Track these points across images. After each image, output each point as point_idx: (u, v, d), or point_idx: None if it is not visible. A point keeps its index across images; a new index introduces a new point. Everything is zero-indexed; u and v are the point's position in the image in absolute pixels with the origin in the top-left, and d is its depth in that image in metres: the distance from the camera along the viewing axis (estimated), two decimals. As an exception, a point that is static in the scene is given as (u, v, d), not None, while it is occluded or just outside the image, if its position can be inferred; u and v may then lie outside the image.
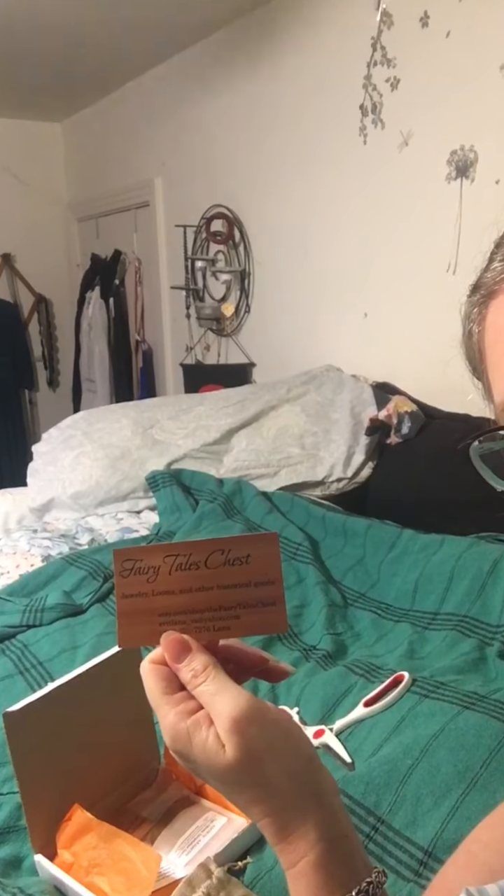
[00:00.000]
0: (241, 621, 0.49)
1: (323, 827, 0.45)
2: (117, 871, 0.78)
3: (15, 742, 0.80)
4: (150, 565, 0.49)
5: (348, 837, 0.47)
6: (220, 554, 0.49)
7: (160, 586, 0.49)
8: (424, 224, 2.19)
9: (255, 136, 2.82)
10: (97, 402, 3.93)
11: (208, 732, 0.45)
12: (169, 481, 2.04)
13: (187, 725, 0.45)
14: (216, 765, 0.44)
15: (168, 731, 0.46)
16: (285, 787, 0.45)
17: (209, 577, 0.49)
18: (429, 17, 2.05)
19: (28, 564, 1.74)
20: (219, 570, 0.49)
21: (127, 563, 0.49)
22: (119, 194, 3.85)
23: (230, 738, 0.44)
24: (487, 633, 1.29)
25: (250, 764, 0.44)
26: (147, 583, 0.49)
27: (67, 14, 2.71)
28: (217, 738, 0.44)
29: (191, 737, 0.45)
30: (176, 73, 3.23)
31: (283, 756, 0.45)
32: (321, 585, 1.52)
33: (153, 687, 0.48)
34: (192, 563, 0.49)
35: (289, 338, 2.85)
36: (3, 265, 4.33)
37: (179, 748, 0.46)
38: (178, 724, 0.45)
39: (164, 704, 0.47)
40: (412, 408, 2.10)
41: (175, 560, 0.49)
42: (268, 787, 0.45)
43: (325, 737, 1.03)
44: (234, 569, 0.48)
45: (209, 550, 0.49)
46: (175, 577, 0.49)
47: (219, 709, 0.45)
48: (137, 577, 0.49)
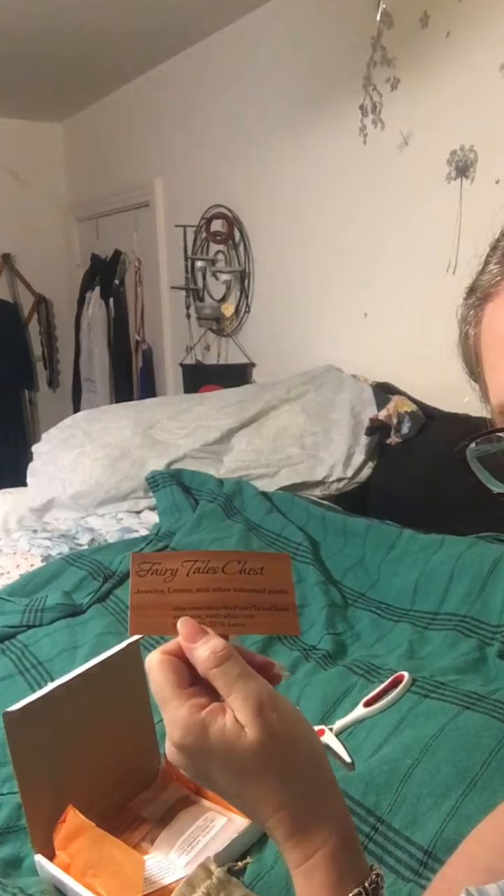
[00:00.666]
0: (255, 620, 0.50)
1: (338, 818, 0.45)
2: (110, 874, 0.78)
3: (15, 742, 0.80)
4: (168, 568, 0.50)
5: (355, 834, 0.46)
6: (237, 563, 0.51)
7: (177, 585, 0.50)
8: (424, 224, 2.19)
9: (255, 136, 2.82)
10: (97, 402, 3.93)
11: (226, 718, 0.44)
12: (169, 481, 2.04)
13: (203, 716, 0.44)
14: (237, 749, 0.43)
15: (180, 724, 0.44)
16: (305, 776, 0.45)
17: (226, 581, 0.50)
18: (429, 18, 2.05)
19: (28, 564, 1.74)
20: (235, 577, 0.50)
21: (144, 564, 0.50)
22: (119, 194, 3.85)
23: (254, 721, 0.43)
24: (487, 633, 1.29)
25: (272, 747, 0.43)
26: (164, 582, 0.50)
27: (67, 14, 2.71)
28: (235, 722, 0.44)
29: (207, 726, 0.44)
30: (176, 74, 3.23)
31: (302, 744, 0.45)
32: (321, 585, 1.52)
33: (164, 679, 0.46)
34: (210, 568, 0.50)
35: (289, 338, 2.85)
36: (3, 265, 4.33)
37: (191, 741, 0.44)
38: (192, 717, 0.44)
39: (177, 698, 0.45)
40: (412, 408, 2.10)
41: (194, 564, 0.50)
42: (288, 774, 0.44)
43: (325, 737, 1.03)
44: (249, 577, 0.50)
45: (227, 559, 0.51)
46: (192, 578, 0.50)
47: (243, 691, 0.44)
48: (153, 577, 0.50)
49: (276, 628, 0.50)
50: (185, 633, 0.47)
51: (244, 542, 1.73)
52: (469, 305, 0.49)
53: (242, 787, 0.45)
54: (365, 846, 0.83)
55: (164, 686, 0.46)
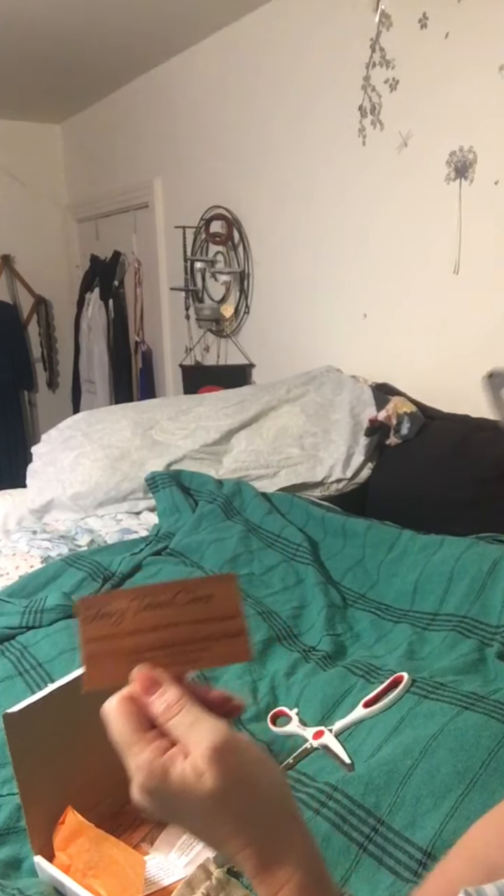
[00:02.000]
0: (210, 653, 0.50)
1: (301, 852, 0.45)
2: (110, 874, 0.78)
3: (15, 743, 0.80)
4: (116, 609, 0.50)
5: (321, 860, 0.47)
6: (186, 594, 0.50)
7: (127, 627, 0.49)
8: (424, 225, 2.19)
9: (255, 136, 2.83)
10: (97, 403, 3.93)
11: (185, 764, 0.44)
12: (168, 482, 2.03)
13: (163, 761, 0.44)
14: (196, 795, 0.43)
15: (143, 767, 0.45)
16: (266, 814, 0.45)
17: (176, 615, 0.50)
18: (427, 18, 2.05)
19: (27, 566, 1.74)
20: (185, 608, 0.50)
21: (91, 609, 0.49)
22: (118, 195, 3.85)
23: (211, 766, 0.43)
24: (487, 634, 1.29)
25: (231, 791, 0.44)
26: (113, 625, 0.49)
27: (67, 15, 2.71)
28: (195, 768, 0.44)
29: (167, 771, 0.44)
30: (175, 74, 3.24)
31: (261, 783, 0.45)
32: (321, 586, 1.52)
33: (124, 724, 0.47)
34: (159, 602, 0.50)
35: (288, 338, 2.85)
36: (3, 266, 4.33)
37: (154, 785, 0.44)
38: (153, 761, 0.44)
39: (138, 742, 0.46)
40: (412, 408, 2.10)
41: (143, 601, 0.50)
42: (249, 815, 0.44)
43: (325, 738, 1.03)
44: (199, 606, 0.50)
45: (174, 591, 0.50)
46: (142, 616, 0.50)
47: (197, 738, 0.45)
48: (102, 622, 0.49)
49: (229, 658, 0.50)
50: (140, 686, 0.48)
51: (244, 542, 1.73)
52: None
53: (208, 828, 0.45)
54: (364, 847, 0.83)
55: (126, 731, 0.46)
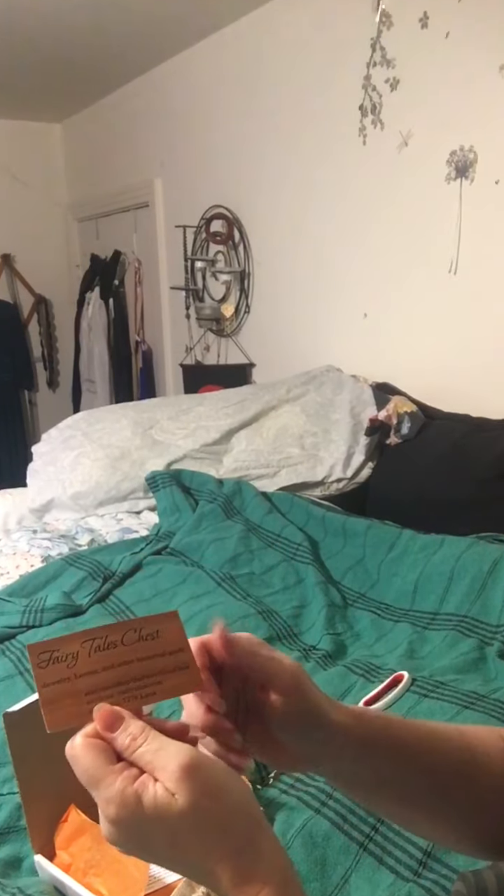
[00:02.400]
0: (164, 686, 0.51)
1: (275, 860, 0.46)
2: (112, 873, 0.78)
3: (15, 742, 0.80)
4: (68, 652, 0.51)
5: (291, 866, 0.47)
6: (134, 632, 0.52)
7: (81, 669, 0.51)
8: (424, 224, 2.19)
9: (255, 136, 2.83)
10: (97, 403, 3.93)
11: (156, 787, 0.45)
12: (169, 482, 2.04)
13: (135, 788, 0.45)
14: (170, 816, 0.44)
15: (115, 799, 0.45)
16: (238, 824, 0.46)
17: (128, 653, 0.52)
18: (428, 18, 2.05)
19: (28, 565, 1.74)
20: (135, 646, 0.52)
21: (43, 654, 0.51)
22: (119, 195, 3.85)
23: (181, 785, 0.44)
24: (487, 633, 1.29)
25: (204, 805, 0.45)
26: (67, 668, 0.51)
27: (67, 14, 2.71)
28: (166, 789, 0.45)
29: (140, 797, 0.45)
30: (176, 74, 3.23)
31: (232, 794, 0.46)
32: (321, 585, 1.52)
33: (92, 760, 0.47)
34: (110, 643, 0.52)
35: (288, 338, 2.85)
36: (3, 265, 4.33)
37: (128, 814, 0.45)
38: (125, 790, 0.45)
39: (109, 775, 0.46)
40: (412, 408, 2.10)
41: (93, 643, 0.51)
42: (224, 827, 0.45)
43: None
44: (148, 643, 0.52)
45: (123, 631, 0.52)
46: (95, 658, 0.51)
47: (164, 762, 0.46)
48: (56, 666, 0.51)
49: (183, 688, 0.52)
50: (103, 724, 0.49)
51: (244, 542, 1.73)
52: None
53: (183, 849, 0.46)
54: (365, 846, 0.83)
55: (93, 767, 0.47)
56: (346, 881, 0.80)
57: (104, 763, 0.47)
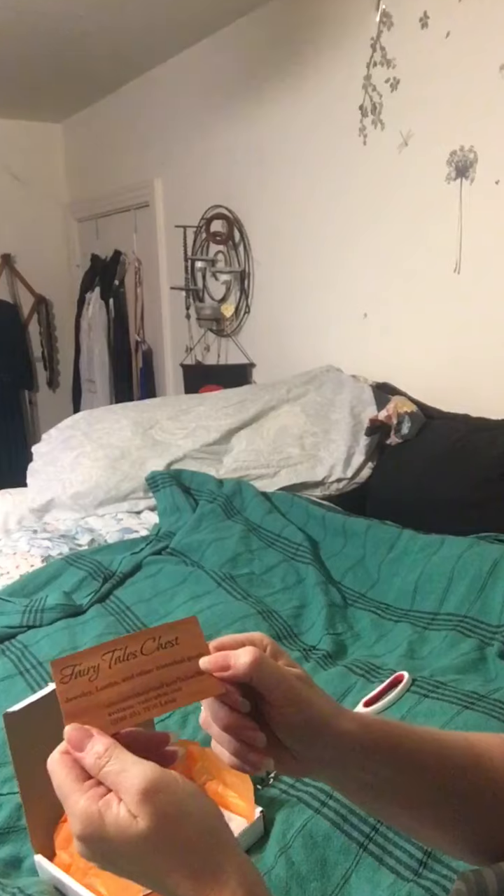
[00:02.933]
0: (183, 692, 0.52)
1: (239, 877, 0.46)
2: (111, 874, 0.78)
3: (15, 742, 0.80)
4: (90, 666, 0.52)
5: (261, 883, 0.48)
6: (153, 641, 0.53)
7: (103, 681, 0.52)
8: (424, 224, 2.19)
9: (255, 136, 2.83)
10: (97, 403, 3.93)
11: (119, 808, 0.46)
12: (169, 482, 2.03)
13: (98, 806, 0.46)
14: (131, 837, 0.45)
15: (79, 816, 0.46)
16: (201, 845, 0.46)
17: (147, 662, 0.53)
18: (428, 18, 2.05)
19: (28, 565, 1.74)
20: (154, 655, 0.53)
21: (66, 670, 0.52)
22: (119, 194, 3.85)
23: (142, 808, 0.45)
24: (487, 633, 1.29)
25: (164, 828, 0.45)
26: (89, 682, 0.52)
27: (67, 14, 2.71)
28: (128, 811, 0.45)
29: (103, 816, 0.46)
30: (176, 74, 3.23)
31: (193, 816, 0.47)
32: (321, 586, 1.52)
33: (63, 776, 0.49)
34: (130, 653, 0.53)
35: (289, 338, 2.85)
36: (3, 265, 4.33)
37: (91, 832, 0.46)
38: (89, 808, 0.46)
39: (75, 791, 0.47)
40: (412, 408, 2.10)
41: (113, 655, 0.52)
42: (184, 849, 0.46)
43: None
44: (167, 651, 0.53)
45: (142, 640, 0.53)
46: (115, 669, 0.52)
47: (126, 784, 0.46)
48: (78, 680, 0.52)
49: (202, 693, 0.52)
50: (72, 744, 0.49)
51: (244, 542, 1.73)
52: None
53: (146, 868, 0.47)
54: (365, 847, 0.83)
55: (63, 782, 0.48)
56: (347, 881, 0.80)
57: (74, 780, 0.48)
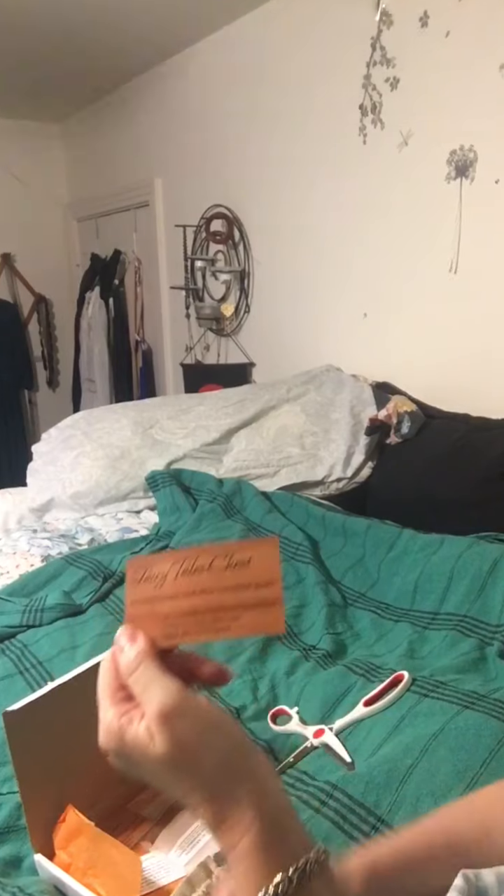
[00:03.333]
0: (241, 622, 0.49)
1: (258, 810, 0.46)
2: (108, 874, 0.78)
3: (15, 742, 0.80)
4: (159, 572, 0.51)
5: (285, 818, 0.47)
6: (224, 558, 0.50)
7: (166, 591, 0.50)
8: (424, 224, 2.19)
9: (255, 135, 2.82)
10: (97, 402, 3.93)
11: (139, 725, 0.46)
12: (169, 481, 2.03)
13: (120, 722, 0.47)
14: (148, 757, 0.46)
15: (104, 727, 0.48)
16: (217, 775, 0.46)
17: (212, 580, 0.50)
18: (428, 17, 2.05)
19: (28, 564, 1.74)
20: (221, 574, 0.50)
21: (138, 572, 0.51)
22: (119, 194, 3.85)
23: (159, 731, 0.45)
24: (487, 633, 1.29)
25: (180, 755, 0.45)
26: (154, 589, 0.51)
27: (67, 15, 2.71)
28: (147, 730, 0.46)
29: (123, 732, 0.46)
30: (176, 73, 3.23)
31: (212, 746, 0.47)
32: (321, 585, 1.52)
33: (101, 680, 0.50)
34: (197, 567, 0.50)
35: (289, 338, 2.85)
36: (3, 265, 4.33)
37: (113, 744, 0.47)
38: (112, 721, 0.47)
39: (107, 699, 0.48)
40: (412, 408, 2.10)
41: (182, 565, 0.50)
42: (200, 777, 0.46)
43: (325, 736, 1.03)
44: (235, 571, 0.50)
45: (213, 555, 0.50)
46: (180, 581, 0.50)
47: (149, 700, 0.47)
48: (147, 584, 0.51)
49: (260, 628, 0.49)
50: (117, 643, 0.50)
51: (244, 541, 1.73)
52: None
53: (165, 784, 0.47)
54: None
55: (100, 688, 0.50)
56: (346, 881, 0.80)
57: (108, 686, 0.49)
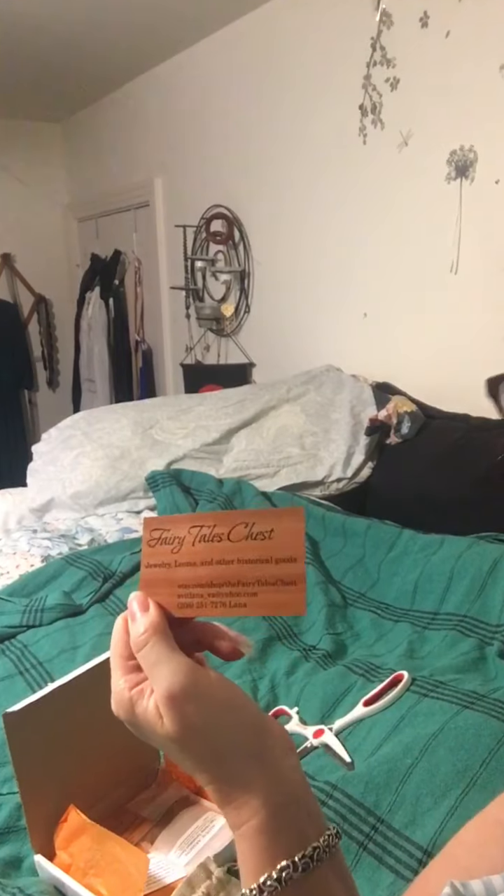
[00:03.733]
0: (258, 599, 0.46)
1: (267, 794, 0.45)
2: (111, 873, 0.78)
3: (15, 742, 0.80)
4: (176, 535, 0.48)
5: (298, 803, 0.46)
6: (244, 527, 0.47)
7: (183, 557, 0.48)
8: (424, 224, 2.19)
9: (255, 136, 2.83)
10: (97, 402, 3.93)
11: (149, 701, 0.46)
12: (169, 481, 2.03)
13: (130, 694, 0.47)
14: (157, 734, 0.46)
15: (115, 695, 0.48)
16: (227, 758, 0.46)
17: (231, 551, 0.47)
18: (428, 17, 2.05)
19: (28, 565, 1.74)
20: (241, 544, 0.47)
21: (155, 532, 0.49)
22: (119, 194, 3.85)
23: (167, 713, 0.45)
24: (487, 633, 1.29)
25: (189, 737, 0.45)
26: (171, 553, 0.48)
27: (67, 14, 2.71)
28: (157, 707, 0.46)
29: (134, 705, 0.46)
30: (176, 73, 3.23)
31: (222, 729, 0.46)
32: (321, 585, 1.52)
33: (115, 645, 0.49)
34: (216, 534, 0.47)
35: (289, 338, 2.85)
36: (3, 265, 4.33)
37: (123, 715, 0.47)
38: (123, 692, 0.47)
39: (118, 668, 0.48)
40: (412, 408, 2.10)
41: (200, 531, 0.48)
42: (209, 758, 0.46)
43: (325, 736, 1.03)
44: (256, 543, 0.46)
45: (234, 523, 0.47)
46: (198, 548, 0.47)
47: (158, 679, 0.46)
48: (163, 547, 0.48)
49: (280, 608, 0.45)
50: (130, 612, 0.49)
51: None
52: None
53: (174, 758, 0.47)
54: (364, 846, 0.83)
55: (113, 653, 0.49)
56: (346, 881, 0.80)
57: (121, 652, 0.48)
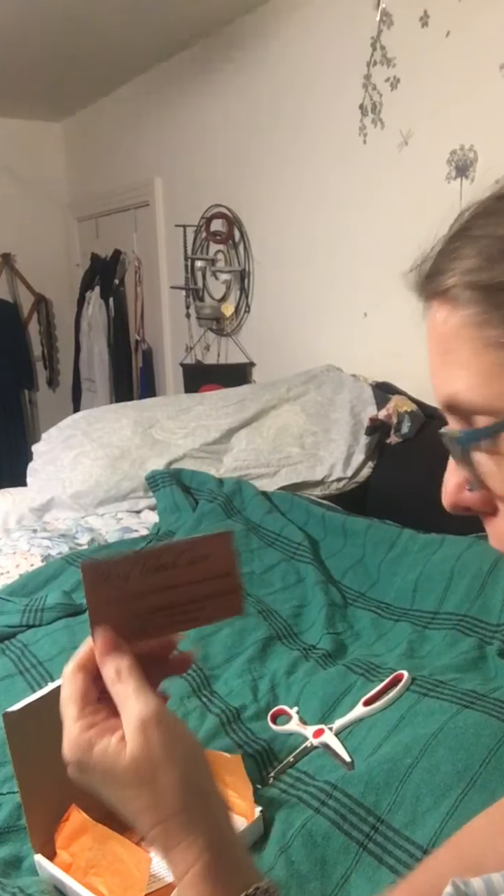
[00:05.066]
0: (207, 611, 0.53)
1: (209, 836, 0.46)
2: (112, 873, 0.78)
3: (15, 742, 0.80)
4: (121, 572, 0.51)
5: (235, 847, 0.48)
6: (185, 554, 0.52)
7: (132, 590, 0.52)
8: (424, 224, 2.18)
9: (255, 135, 2.82)
10: (97, 402, 3.93)
11: (111, 739, 0.47)
12: (169, 481, 2.03)
13: (90, 735, 0.48)
14: (115, 767, 0.46)
15: (68, 739, 0.48)
16: (176, 794, 0.47)
17: (177, 576, 0.52)
18: (429, 17, 2.05)
19: (28, 564, 1.74)
20: (185, 569, 0.52)
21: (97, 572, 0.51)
22: (119, 194, 3.85)
23: (135, 736, 0.46)
24: (487, 632, 1.29)
25: (147, 765, 0.46)
26: (118, 589, 0.51)
27: (67, 14, 2.71)
28: (120, 741, 0.47)
29: (92, 745, 0.47)
30: (176, 73, 3.23)
31: (177, 763, 0.47)
32: (321, 585, 1.52)
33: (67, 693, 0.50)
34: (161, 565, 0.52)
35: (289, 338, 2.85)
36: (3, 265, 4.33)
37: (78, 757, 0.48)
38: (80, 735, 0.48)
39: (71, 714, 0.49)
40: (412, 407, 2.10)
41: (144, 565, 0.52)
42: (159, 792, 0.46)
43: (325, 736, 1.03)
44: (197, 566, 0.52)
45: (175, 553, 0.52)
46: (146, 580, 0.52)
47: (130, 708, 0.47)
48: (108, 585, 0.51)
49: (223, 613, 0.53)
50: (98, 648, 0.50)
51: (244, 541, 1.73)
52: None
53: (123, 802, 0.48)
54: (364, 846, 0.83)
55: (65, 700, 0.50)
56: (346, 881, 0.80)
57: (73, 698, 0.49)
